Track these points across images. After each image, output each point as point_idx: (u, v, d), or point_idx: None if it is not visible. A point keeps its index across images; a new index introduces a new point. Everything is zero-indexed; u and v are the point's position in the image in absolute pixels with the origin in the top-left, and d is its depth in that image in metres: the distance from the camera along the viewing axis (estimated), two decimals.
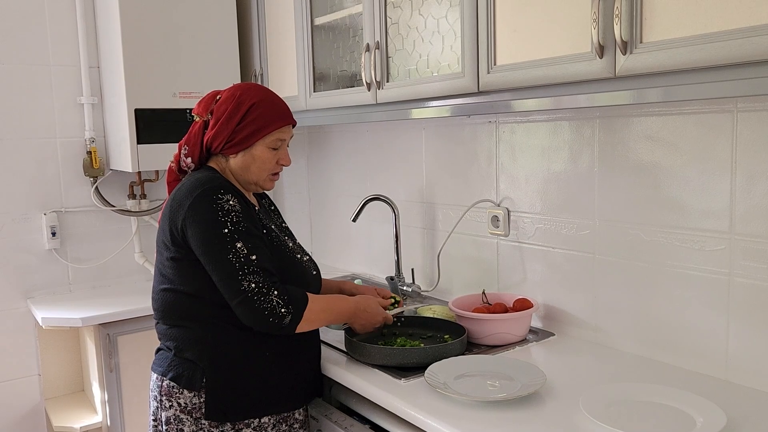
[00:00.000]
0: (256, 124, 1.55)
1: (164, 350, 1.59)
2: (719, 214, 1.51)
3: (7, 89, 2.47)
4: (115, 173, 2.69)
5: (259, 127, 1.55)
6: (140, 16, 2.38)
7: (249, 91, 1.58)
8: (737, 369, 1.50)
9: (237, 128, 1.55)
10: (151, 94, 2.43)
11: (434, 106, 1.82)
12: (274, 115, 1.58)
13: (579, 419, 1.31)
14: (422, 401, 1.43)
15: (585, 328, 1.84)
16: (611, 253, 1.75)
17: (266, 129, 1.56)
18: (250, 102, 1.55)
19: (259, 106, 1.56)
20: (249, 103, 1.55)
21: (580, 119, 1.80)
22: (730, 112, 1.47)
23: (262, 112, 1.56)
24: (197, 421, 1.51)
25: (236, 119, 1.54)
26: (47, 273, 2.59)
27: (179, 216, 1.49)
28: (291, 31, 2.39)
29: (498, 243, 2.09)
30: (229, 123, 1.55)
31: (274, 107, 1.58)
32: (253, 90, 1.59)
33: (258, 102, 1.56)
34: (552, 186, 1.90)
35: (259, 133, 1.56)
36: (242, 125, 1.55)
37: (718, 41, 1.15)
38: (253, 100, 1.56)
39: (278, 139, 1.59)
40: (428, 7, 1.83)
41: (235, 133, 1.55)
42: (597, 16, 1.31)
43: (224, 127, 1.55)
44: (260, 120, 1.55)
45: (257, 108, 1.55)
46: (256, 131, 1.55)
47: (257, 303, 1.45)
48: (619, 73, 1.30)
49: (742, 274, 1.48)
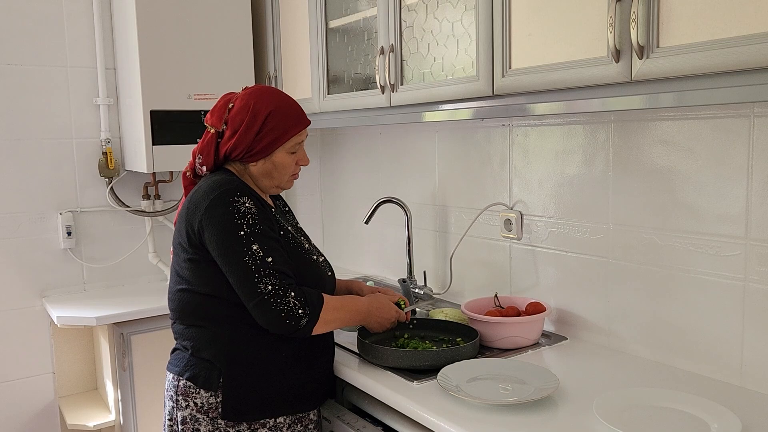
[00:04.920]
0: (275, 132, 1.56)
1: (181, 350, 1.60)
2: (735, 219, 1.50)
3: (25, 90, 2.50)
4: (129, 174, 2.71)
5: (278, 135, 1.57)
6: (156, 18, 2.41)
7: (263, 99, 1.57)
8: (752, 375, 1.50)
9: (256, 138, 1.55)
10: (167, 95, 2.45)
11: (448, 109, 1.82)
12: (291, 121, 1.58)
13: (592, 424, 1.31)
14: (434, 404, 1.43)
15: (598, 333, 1.84)
16: (625, 258, 1.74)
17: (285, 136, 1.57)
18: (266, 111, 1.55)
19: (276, 114, 1.56)
20: (265, 112, 1.55)
21: (594, 123, 1.79)
22: (747, 117, 1.46)
23: (280, 120, 1.56)
24: (213, 420, 1.52)
25: (254, 130, 1.55)
26: (62, 272, 2.61)
27: (196, 218, 1.51)
28: (305, 34, 2.40)
29: (511, 246, 2.09)
30: (247, 134, 1.55)
31: (290, 113, 1.59)
32: (267, 97, 1.58)
33: (274, 110, 1.56)
34: (565, 190, 1.89)
35: (279, 141, 1.57)
36: (261, 135, 1.55)
37: (735, 46, 1.14)
38: (269, 108, 1.56)
39: (297, 143, 1.61)
40: (443, 11, 1.83)
41: (255, 143, 1.56)
42: (613, 21, 1.31)
43: (243, 139, 1.55)
44: (279, 128, 1.56)
45: (274, 116, 1.56)
46: (275, 140, 1.57)
47: (274, 305, 1.45)
48: (635, 78, 1.30)
49: (757, 280, 1.47)
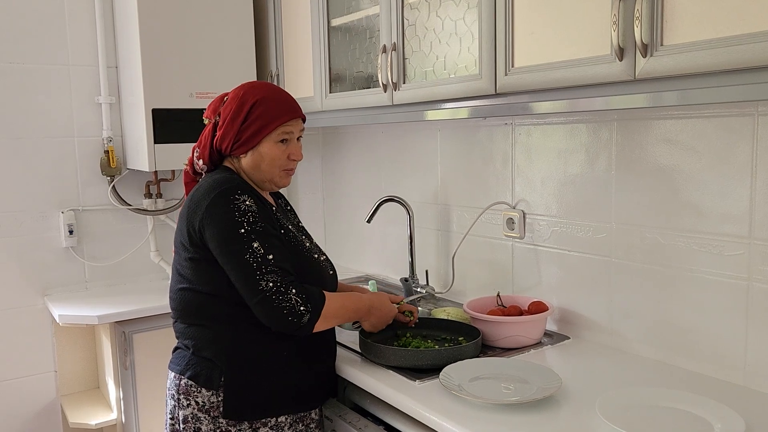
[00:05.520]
0: (260, 121, 1.55)
1: (182, 349, 1.60)
2: (738, 218, 1.49)
3: (27, 89, 2.50)
4: (131, 172, 2.71)
5: (263, 124, 1.55)
6: (158, 16, 2.40)
7: (252, 90, 1.57)
8: (756, 375, 1.49)
9: (242, 127, 1.55)
10: (169, 94, 2.45)
11: (450, 108, 1.82)
12: (278, 110, 1.57)
13: (595, 423, 1.30)
14: (436, 403, 1.43)
15: (601, 332, 1.83)
16: (628, 257, 1.74)
17: (271, 125, 1.56)
18: (253, 100, 1.55)
19: (262, 102, 1.55)
20: (252, 101, 1.55)
21: (597, 122, 1.79)
22: (751, 116, 1.45)
23: (266, 109, 1.55)
24: (215, 419, 1.52)
25: (240, 118, 1.54)
26: (64, 271, 2.61)
27: (197, 217, 1.50)
28: (307, 32, 2.39)
29: (513, 245, 2.09)
30: (234, 123, 1.55)
31: (278, 102, 1.58)
32: (257, 88, 1.58)
33: (261, 99, 1.55)
34: (568, 189, 1.89)
35: (264, 130, 1.55)
36: (246, 124, 1.55)
37: (740, 44, 1.14)
38: (256, 97, 1.55)
39: (284, 132, 1.58)
40: (446, 9, 1.83)
41: (241, 132, 1.55)
42: (617, 19, 1.30)
43: (230, 128, 1.55)
44: (264, 117, 1.55)
45: (260, 105, 1.55)
46: (260, 128, 1.55)
47: (276, 302, 1.45)
48: (639, 76, 1.29)
49: (761, 279, 1.46)
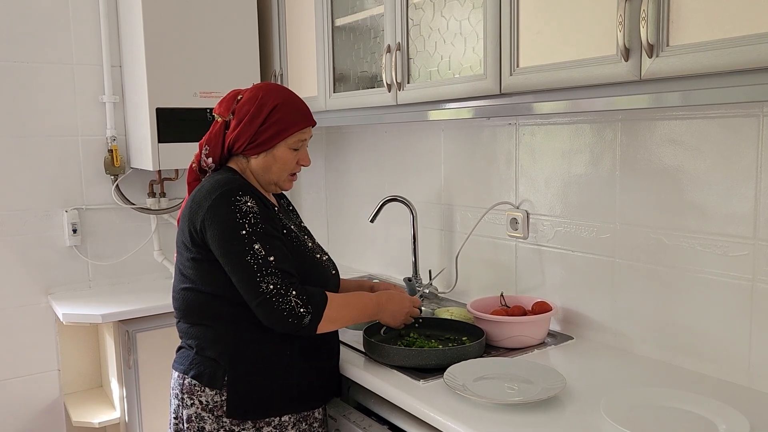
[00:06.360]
0: (279, 125, 1.56)
1: (186, 348, 1.60)
2: (743, 219, 1.49)
3: (31, 87, 2.50)
4: (135, 171, 2.71)
5: (281, 128, 1.57)
6: (162, 16, 2.41)
7: (271, 93, 1.59)
8: (760, 376, 1.49)
9: (260, 129, 1.56)
10: (173, 93, 2.45)
11: (454, 108, 1.82)
12: (297, 116, 1.59)
13: (599, 424, 1.30)
14: (441, 403, 1.43)
15: (604, 332, 1.83)
16: (632, 257, 1.74)
17: (289, 131, 1.57)
18: (273, 103, 1.56)
19: (282, 107, 1.57)
20: (272, 104, 1.56)
21: (601, 122, 1.79)
22: (756, 117, 1.45)
23: (285, 114, 1.57)
24: (218, 419, 1.52)
25: (259, 120, 1.56)
26: (68, 269, 2.62)
27: (198, 217, 1.51)
28: (311, 32, 2.39)
29: (517, 245, 2.09)
30: (251, 124, 1.56)
31: (297, 109, 1.60)
32: (275, 91, 1.60)
33: (281, 104, 1.57)
34: (572, 189, 1.89)
35: (282, 135, 1.57)
36: (265, 126, 1.56)
37: (746, 45, 1.14)
38: (276, 101, 1.57)
39: (299, 140, 1.61)
40: (450, 9, 1.83)
41: (258, 134, 1.56)
42: (623, 19, 1.30)
43: (247, 128, 1.56)
44: (283, 122, 1.57)
45: (280, 110, 1.56)
46: (278, 133, 1.57)
47: (276, 304, 1.45)
48: (645, 77, 1.29)
49: (765, 280, 1.46)
